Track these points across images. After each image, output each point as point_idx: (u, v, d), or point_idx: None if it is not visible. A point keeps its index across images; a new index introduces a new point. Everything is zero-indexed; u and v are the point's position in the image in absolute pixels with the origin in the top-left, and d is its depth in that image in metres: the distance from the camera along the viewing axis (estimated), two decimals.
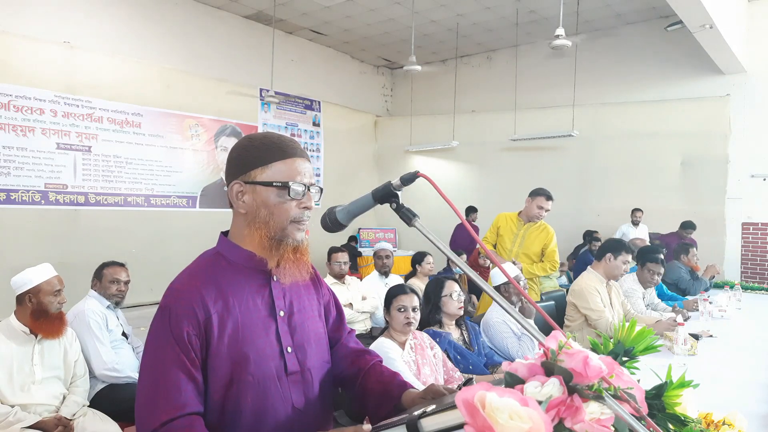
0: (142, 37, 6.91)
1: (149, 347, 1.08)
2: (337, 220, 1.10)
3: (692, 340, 2.61)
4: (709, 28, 5.72)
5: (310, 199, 1.14)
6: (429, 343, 2.47)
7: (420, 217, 1.02)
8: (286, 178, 1.11)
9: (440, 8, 7.78)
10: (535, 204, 4.01)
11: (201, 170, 7.58)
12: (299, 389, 1.16)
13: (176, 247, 6.74)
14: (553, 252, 4.03)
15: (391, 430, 0.90)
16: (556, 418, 0.72)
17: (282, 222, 1.12)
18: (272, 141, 1.16)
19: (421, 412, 0.86)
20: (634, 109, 8.08)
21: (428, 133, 9.82)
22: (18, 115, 5.78)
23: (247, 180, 1.13)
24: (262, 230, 1.12)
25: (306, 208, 1.14)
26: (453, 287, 2.75)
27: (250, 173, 1.13)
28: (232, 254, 1.16)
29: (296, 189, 1.11)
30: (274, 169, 1.12)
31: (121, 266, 3.01)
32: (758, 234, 7.40)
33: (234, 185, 1.14)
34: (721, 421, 1.41)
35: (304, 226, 1.16)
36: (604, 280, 3.40)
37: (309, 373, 1.19)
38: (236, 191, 1.14)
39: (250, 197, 1.13)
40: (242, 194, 1.14)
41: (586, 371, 0.74)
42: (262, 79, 8.05)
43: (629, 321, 1.07)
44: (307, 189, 1.14)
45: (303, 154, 1.17)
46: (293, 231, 1.13)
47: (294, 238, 1.14)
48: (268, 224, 1.12)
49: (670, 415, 0.97)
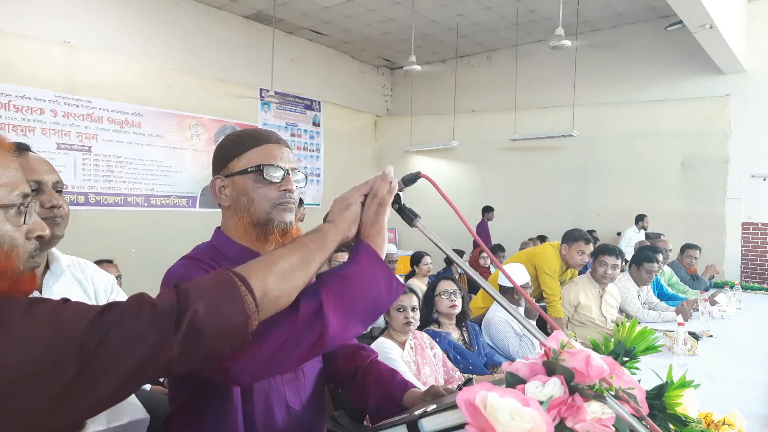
0: (142, 37, 6.91)
1: None
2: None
3: (692, 340, 2.61)
4: (709, 28, 5.73)
5: (289, 182, 1.12)
6: (429, 343, 2.47)
7: (421, 218, 1.02)
8: (261, 162, 1.10)
9: (440, 8, 7.77)
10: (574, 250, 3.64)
11: (201, 170, 7.58)
12: (293, 389, 1.15)
13: (176, 248, 6.65)
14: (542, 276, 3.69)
15: (391, 430, 0.90)
16: (557, 418, 0.72)
17: (264, 206, 1.10)
18: (247, 132, 1.17)
19: (422, 412, 0.86)
20: (634, 109, 8.08)
21: (428, 133, 9.82)
22: (18, 115, 5.78)
23: (226, 173, 1.13)
24: (245, 218, 1.11)
25: (286, 191, 1.11)
26: (444, 286, 2.76)
27: (228, 166, 1.13)
28: (227, 249, 1.14)
29: (270, 172, 1.10)
30: (248, 156, 1.11)
31: (109, 263, 3.02)
32: (758, 234, 7.40)
33: (215, 181, 1.15)
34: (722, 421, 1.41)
35: (291, 207, 1.13)
36: (596, 285, 3.53)
37: (302, 372, 1.18)
38: (218, 186, 1.14)
39: (231, 189, 1.13)
40: (224, 188, 1.14)
41: (587, 371, 0.74)
42: (262, 79, 8.05)
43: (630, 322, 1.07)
44: (286, 173, 1.12)
45: (278, 141, 1.16)
46: (278, 213, 1.11)
47: (281, 220, 1.11)
48: (249, 211, 1.11)
49: (670, 416, 0.97)
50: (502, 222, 8.82)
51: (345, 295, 0.92)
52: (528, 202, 8.93)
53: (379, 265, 0.96)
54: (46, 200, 1.26)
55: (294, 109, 8.94)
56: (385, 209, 0.99)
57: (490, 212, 8.68)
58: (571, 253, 3.60)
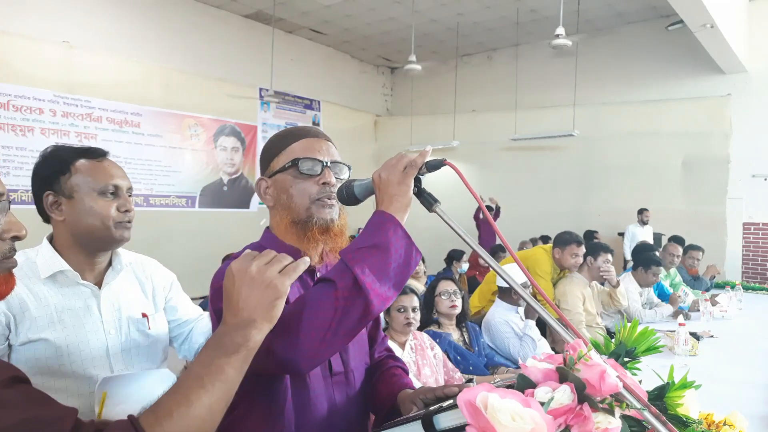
0: (141, 37, 6.90)
1: None
2: (354, 194, 1.05)
3: (693, 340, 2.60)
4: (710, 27, 5.72)
5: (329, 175, 1.10)
6: (429, 343, 2.47)
7: (441, 203, 1.01)
8: (297, 156, 1.09)
9: (440, 7, 7.77)
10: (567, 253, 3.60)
11: (200, 170, 7.58)
12: (342, 390, 1.14)
13: (176, 247, 6.73)
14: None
15: (406, 426, 0.90)
16: (564, 425, 0.71)
17: (303, 202, 1.08)
18: (287, 130, 1.16)
19: (438, 407, 0.85)
20: (635, 108, 8.08)
21: (428, 132, 9.81)
22: (17, 115, 5.77)
23: (269, 174, 1.12)
24: (286, 216, 1.10)
25: (326, 184, 1.09)
26: (443, 286, 2.76)
27: (270, 166, 1.12)
28: (275, 248, 1.14)
29: (306, 165, 1.08)
30: (287, 153, 1.10)
31: None
32: (759, 234, 7.39)
33: (260, 183, 1.14)
34: (722, 422, 1.40)
35: (332, 203, 1.10)
36: (587, 282, 3.56)
37: (352, 374, 1.17)
38: (263, 188, 1.14)
39: (273, 188, 1.12)
40: (267, 189, 1.13)
41: (600, 385, 0.73)
42: (261, 79, 8.04)
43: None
44: (325, 165, 1.10)
45: (318, 134, 1.14)
46: (317, 210, 1.09)
47: (321, 218, 1.09)
48: (290, 208, 1.09)
49: (672, 416, 0.97)
50: (503, 222, 8.81)
51: (375, 264, 0.92)
52: (528, 202, 8.93)
53: (402, 233, 0.95)
54: (121, 204, 1.29)
55: (293, 108, 8.93)
56: (415, 171, 0.99)
57: (490, 210, 8.69)
58: (565, 256, 3.58)
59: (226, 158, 7.90)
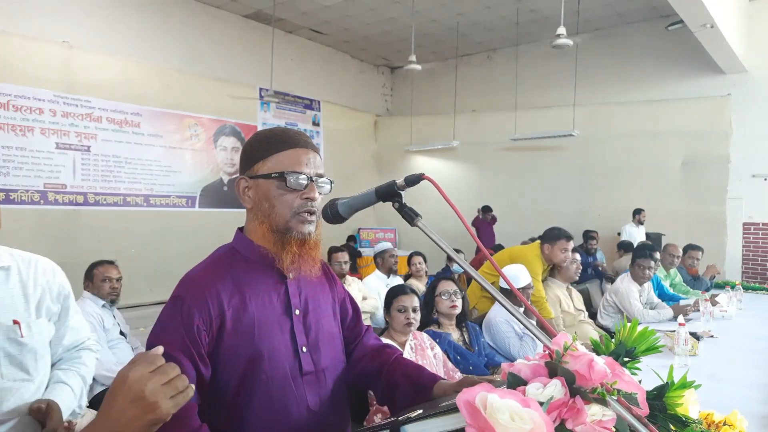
0: (141, 37, 6.90)
1: (156, 332, 1.05)
2: (338, 213, 1.07)
3: (693, 340, 2.60)
4: (709, 27, 5.72)
5: (313, 190, 1.10)
6: (429, 343, 2.47)
7: (422, 217, 1.02)
8: (285, 169, 1.09)
9: (440, 7, 7.77)
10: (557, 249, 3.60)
11: (200, 170, 7.58)
12: (314, 390, 1.14)
13: (176, 247, 6.73)
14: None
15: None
16: (558, 420, 0.71)
17: (284, 214, 1.09)
18: (275, 134, 1.15)
19: (405, 418, 0.85)
20: (635, 108, 8.08)
21: (428, 132, 9.81)
22: (17, 115, 5.77)
23: (251, 174, 1.12)
24: (265, 224, 1.11)
25: (308, 199, 1.10)
26: (444, 286, 2.76)
27: (254, 167, 1.12)
28: (247, 250, 1.14)
29: (293, 179, 1.08)
30: (274, 160, 1.10)
31: (110, 264, 3.00)
32: (759, 234, 7.39)
33: (240, 181, 1.14)
34: (722, 422, 1.40)
35: (313, 218, 1.12)
36: (563, 285, 3.63)
37: (323, 373, 1.17)
38: (242, 187, 1.14)
39: (254, 191, 1.12)
40: (248, 189, 1.13)
41: (590, 374, 0.73)
42: (261, 79, 8.04)
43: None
44: (310, 180, 1.10)
45: (306, 145, 1.13)
46: (297, 224, 1.10)
47: (299, 231, 1.10)
48: (270, 216, 1.10)
49: (671, 416, 0.97)
50: (503, 222, 8.82)
51: None
52: (528, 201, 8.93)
53: None
54: None
55: (293, 108, 8.93)
56: None
57: (488, 212, 8.65)
58: (555, 252, 3.59)
59: (226, 158, 7.91)
